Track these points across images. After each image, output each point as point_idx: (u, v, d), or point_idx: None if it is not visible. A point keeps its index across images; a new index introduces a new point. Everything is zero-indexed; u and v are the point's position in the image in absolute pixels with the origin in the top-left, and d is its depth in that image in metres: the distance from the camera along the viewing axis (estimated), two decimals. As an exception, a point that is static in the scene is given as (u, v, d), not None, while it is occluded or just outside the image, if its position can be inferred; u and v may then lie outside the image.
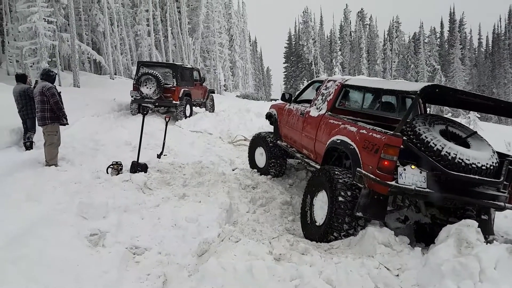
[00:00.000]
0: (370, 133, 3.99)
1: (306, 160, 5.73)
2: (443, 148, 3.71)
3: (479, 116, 17.39)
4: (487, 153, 3.86)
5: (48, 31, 15.69)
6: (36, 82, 6.78)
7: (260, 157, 7.30)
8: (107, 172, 6.28)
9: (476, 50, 61.96)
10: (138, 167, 6.37)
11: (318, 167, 4.99)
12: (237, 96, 34.14)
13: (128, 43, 27.40)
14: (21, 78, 7.69)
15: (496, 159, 3.89)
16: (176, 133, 10.44)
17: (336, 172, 4.25)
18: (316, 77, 50.70)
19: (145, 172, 6.33)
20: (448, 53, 56.38)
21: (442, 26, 60.18)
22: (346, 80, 5.34)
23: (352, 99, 5.94)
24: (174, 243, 4.15)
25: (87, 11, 24.69)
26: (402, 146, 3.67)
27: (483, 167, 3.72)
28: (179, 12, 31.50)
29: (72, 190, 5.36)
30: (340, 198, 4.02)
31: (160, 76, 11.83)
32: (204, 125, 11.82)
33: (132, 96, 12.19)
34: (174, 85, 12.23)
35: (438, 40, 58.98)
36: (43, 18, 15.26)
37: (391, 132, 3.77)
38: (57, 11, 17.76)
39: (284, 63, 66.64)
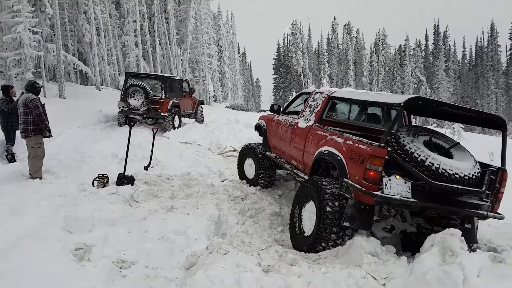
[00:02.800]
0: (356, 144, 4.06)
1: (295, 171, 5.78)
2: (426, 158, 3.79)
3: (463, 126, 17.73)
4: (469, 163, 3.96)
5: (33, 41, 15.53)
6: (22, 93, 6.73)
7: (250, 168, 7.33)
8: (93, 185, 6.22)
9: (460, 62, 63.39)
10: (124, 179, 6.31)
11: (307, 177, 5.06)
12: (226, 107, 34.17)
13: (115, 53, 27.30)
14: (1, 89, 7.64)
15: (478, 169, 3.98)
16: (164, 144, 10.40)
17: (323, 183, 4.30)
18: (305, 88, 51.10)
19: (132, 184, 6.28)
20: (433, 65, 57.55)
21: (427, 38, 61.55)
22: (333, 92, 5.44)
23: (339, 110, 6.04)
24: (161, 256, 4.11)
25: (73, 21, 24.57)
26: (387, 157, 3.75)
27: (466, 177, 3.81)
28: (167, 23, 31.59)
29: (57, 203, 5.28)
30: (328, 209, 4.05)
31: (148, 87, 11.76)
32: (193, 136, 11.81)
33: (119, 107, 12.09)
34: (163, 97, 12.18)
35: (423, 52, 60.20)
36: (28, 29, 15.13)
37: (376, 143, 3.83)
38: (43, 22, 17.63)
39: (273, 74, 67.08)
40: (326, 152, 4.53)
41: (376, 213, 4.06)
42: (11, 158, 7.43)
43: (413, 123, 6.01)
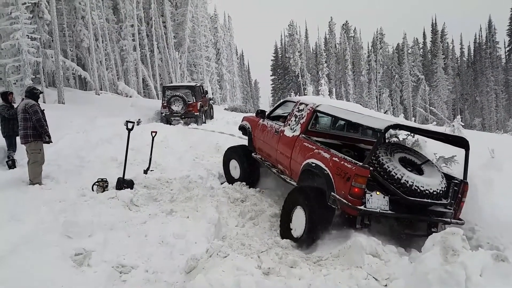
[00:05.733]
0: (342, 162, 4.50)
1: (282, 176, 6.15)
2: (402, 176, 4.35)
3: (463, 124, 17.73)
4: (437, 180, 4.54)
5: (32, 47, 15.53)
6: (22, 99, 6.73)
7: (234, 169, 7.51)
8: (93, 190, 6.19)
9: (459, 60, 63.19)
10: (124, 183, 6.29)
11: (294, 183, 5.58)
12: (225, 109, 34.09)
13: (114, 58, 27.26)
14: (0, 95, 7.66)
15: (444, 184, 4.57)
16: (162, 148, 10.37)
17: (313, 193, 4.76)
18: (303, 89, 51.10)
19: (132, 188, 6.26)
20: (431, 63, 57.40)
21: (425, 36, 61.36)
22: (317, 106, 5.80)
23: (322, 121, 6.41)
24: (161, 260, 4.10)
25: (71, 27, 24.57)
26: (369, 176, 4.25)
27: (434, 192, 4.40)
28: (165, 26, 31.59)
29: (57, 209, 5.27)
30: (317, 216, 4.51)
31: (184, 96, 15.47)
32: (191, 138, 11.78)
33: (162, 113, 15.73)
34: (194, 101, 15.77)
35: (421, 50, 60.06)
36: (27, 35, 15.14)
37: (361, 164, 4.30)
38: (41, 28, 17.62)
39: (271, 75, 67.00)
40: (313, 164, 4.93)
41: (359, 222, 4.42)
42: (12, 164, 7.42)
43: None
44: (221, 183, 7.51)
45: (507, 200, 5.83)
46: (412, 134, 6.96)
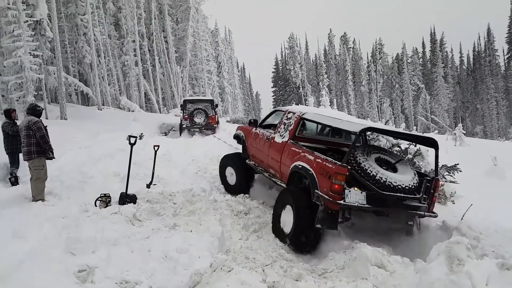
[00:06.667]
0: (324, 162, 4.97)
1: (273, 179, 6.61)
2: (377, 174, 4.82)
3: (464, 132, 17.71)
4: (409, 176, 5.01)
5: (34, 64, 15.73)
6: (25, 116, 6.78)
7: (230, 176, 7.85)
8: (96, 205, 6.19)
9: (458, 68, 63.40)
10: (127, 198, 6.28)
11: (284, 185, 6.06)
12: (227, 121, 34.25)
13: (116, 73, 27.53)
14: (4, 113, 7.77)
15: (416, 180, 5.05)
16: (165, 161, 10.39)
17: (299, 192, 5.33)
18: (305, 100, 51.29)
19: (134, 203, 6.24)
20: (431, 72, 57.60)
21: (424, 46, 61.70)
22: (303, 114, 6.30)
23: (309, 128, 6.95)
24: (165, 275, 4.07)
25: (73, 43, 24.90)
26: (347, 173, 4.67)
27: (406, 187, 4.86)
28: (166, 41, 31.94)
29: (60, 225, 5.25)
30: (303, 213, 5.02)
31: (206, 109, 16.69)
32: (194, 151, 11.80)
33: (183, 125, 16.80)
34: (213, 114, 17.13)
35: (421, 59, 60.34)
36: (29, 52, 15.34)
37: (340, 163, 4.75)
38: (43, 45, 17.86)
39: (272, 87, 67.43)
40: (300, 166, 5.42)
41: (340, 216, 4.91)
42: (14, 181, 7.43)
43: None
44: (224, 196, 7.49)
45: (511, 207, 5.80)
46: (414, 144, 7.01)
